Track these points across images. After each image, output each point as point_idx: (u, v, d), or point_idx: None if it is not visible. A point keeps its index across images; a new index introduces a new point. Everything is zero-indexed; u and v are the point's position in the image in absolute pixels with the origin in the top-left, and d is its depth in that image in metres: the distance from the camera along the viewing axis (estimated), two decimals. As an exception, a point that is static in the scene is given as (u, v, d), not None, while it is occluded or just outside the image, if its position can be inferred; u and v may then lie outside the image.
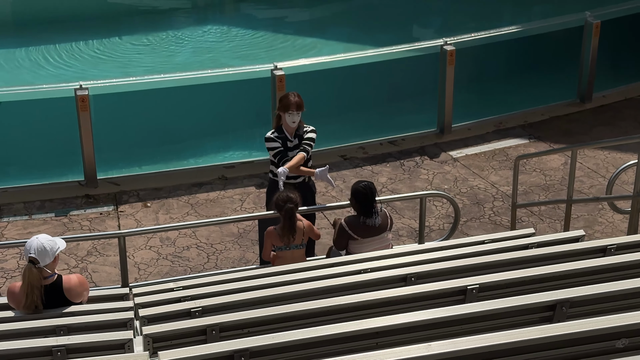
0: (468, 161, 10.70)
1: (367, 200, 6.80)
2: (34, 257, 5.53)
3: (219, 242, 9.01)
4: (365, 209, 6.81)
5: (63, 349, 4.61)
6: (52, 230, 8.94)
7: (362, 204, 6.81)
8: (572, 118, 11.88)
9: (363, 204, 6.81)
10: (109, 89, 10.10)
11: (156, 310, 5.24)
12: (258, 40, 14.22)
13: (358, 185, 6.84)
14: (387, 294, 4.90)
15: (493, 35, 11.68)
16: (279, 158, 7.57)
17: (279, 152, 7.58)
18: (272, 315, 4.72)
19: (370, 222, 6.80)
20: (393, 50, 11.24)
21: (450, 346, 3.59)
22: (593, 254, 5.72)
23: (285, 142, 7.60)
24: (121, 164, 10.45)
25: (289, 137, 7.61)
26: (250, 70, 10.62)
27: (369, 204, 6.81)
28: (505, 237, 6.72)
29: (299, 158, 7.53)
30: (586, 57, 11.98)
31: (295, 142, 7.62)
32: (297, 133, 7.63)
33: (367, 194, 6.79)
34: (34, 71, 12.74)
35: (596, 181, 10.16)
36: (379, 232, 6.86)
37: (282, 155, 7.57)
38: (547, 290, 4.46)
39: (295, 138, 7.62)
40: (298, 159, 7.52)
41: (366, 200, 6.80)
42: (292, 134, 7.62)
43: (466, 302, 4.85)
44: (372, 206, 6.82)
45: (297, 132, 7.63)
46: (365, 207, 6.81)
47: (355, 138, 11.10)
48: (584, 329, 3.69)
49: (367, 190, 6.79)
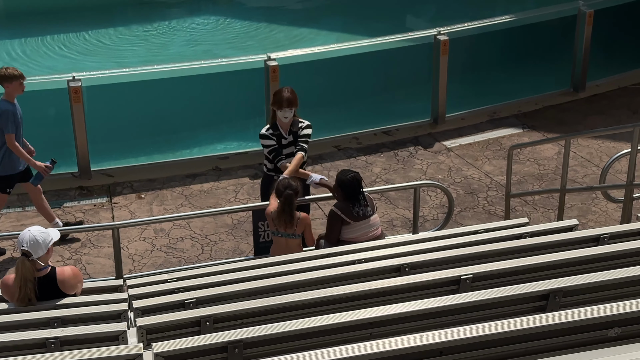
0: (462, 151, 10.70)
1: (354, 191, 6.88)
2: (27, 250, 5.53)
3: (213, 233, 9.01)
4: (351, 197, 6.87)
5: (57, 341, 4.60)
6: (46, 223, 8.93)
7: (347, 194, 6.88)
8: (565, 107, 11.88)
9: (349, 195, 6.88)
10: (102, 80, 10.07)
11: (150, 301, 5.24)
12: (251, 30, 14.19)
13: (345, 177, 6.91)
14: (381, 284, 4.91)
15: (486, 24, 11.67)
16: (273, 156, 7.56)
17: (273, 150, 7.56)
18: (266, 306, 4.72)
19: (359, 211, 6.87)
20: (386, 40, 11.23)
21: (443, 336, 3.60)
22: (586, 243, 5.73)
23: (279, 139, 7.58)
24: (115, 155, 10.43)
25: (284, 134, 7.59)
26: (244, 61, 10.59)
27: (355, 194, 6.88)
28: (498, 227, 6.74)
29: (297, 160, 7.49)
30: (579, 46, 11.98)
31: (290, 138, 7.60)
32: (291, 129, 7.61)
33: (353, 185, 6.88)
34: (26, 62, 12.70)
35: (590, 170, 10.18)
36: (369, 214, 6.95)
37: (276, 153, 7.55)
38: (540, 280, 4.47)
39: (289, 135, 7.60)
40: (297, 162, 7.48)
41: (353, 192, 6.88)
42: (287, 131, 7.60)
43: (460, 292, 4.86)
44: (359, 197, 6.90)
45: (291, 129, 7.61)
46: (352, 197, 6.87)
47: (349, 128, 11.09)
48: (577, 318, 3.70)
49: (354, 182, 6.88)
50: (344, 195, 6.89)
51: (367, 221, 6.93)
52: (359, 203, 6.88)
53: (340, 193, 6.94)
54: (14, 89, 8.05)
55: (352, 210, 6.86)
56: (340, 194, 6.94)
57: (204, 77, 10.70)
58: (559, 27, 12.67)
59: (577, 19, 11.94)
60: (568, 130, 10.93)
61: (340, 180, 6.91)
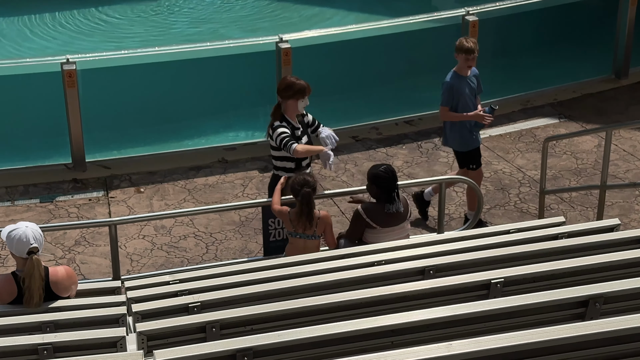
0: (492, 143, 10.69)
1: (390, 184, 6.81)
2: (36, 246, 5.51)
3: (219, 231, 9.04)
4: (387, 194, 6.81)
5: (50, 347, 4.63)
6: (37, 218, 8.99)
7: (383, 189, 6.81)
8: (606, 96, 11.85)
9: (385, 189, 6.81)
10: (99, 63, 10.11)
11: (151, 305, 5.26)
12: (262, 9, 14.21)
13: (377, 170, 6.83)
14: (404, 288, 4.91)
15: (520, 4, 11.65)
16: (286, 141, 7.50)
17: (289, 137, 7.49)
18: (277, 311, 4.74)
19: (392, 208, 6.81)
20: (410, 20, 11.22)
21: (472, 345, 3.60)
22: (629, 245, 5.72)
23: (293, 131, 7.59)
24: (112, 145, 10.48)
25: (296, 125, 7.62)
26: (253, 42, 10.61)
27: (391, 188, 6.81)
28: (532, 227, 6.73)
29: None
30: (622, 28, 11.94)
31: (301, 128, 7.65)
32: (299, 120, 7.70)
33: (389, 177, 6.80)
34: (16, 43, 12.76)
35: (633, 165, 10.16)
36: (400, 220, 6.89)
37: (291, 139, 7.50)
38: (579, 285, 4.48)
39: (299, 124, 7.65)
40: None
41: (389, 185, 6.80)
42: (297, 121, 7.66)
43: (490, 298, 4.86)
44: (395, 191, 6.83)
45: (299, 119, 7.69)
46: (388, 192, 6.81)
47: (368, 117, 11.09)
48: (619, 327, 3.70)
49: (389, 174, 6.80)
50: (379, 190, 6.82)
51: (396, 228, 6.86)
52: (394, 200, 6.81)
53: (374, 189, 6.86)
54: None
55: (384, 210, 6.78)
56: (374, 189, 6.86)
57: (209, 60, 10.72)
58: (599, 6, 12.63)
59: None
60: (609, 121, 10.91)
61: (374, 175, 6.81)
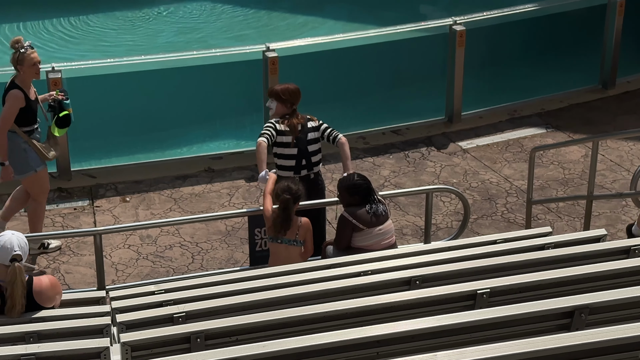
0: (479, 153, 10.72)
1: (369, 186, 7.09)
2: (20, 254, 5.49)
3: (205, 240, 9.02)
4: (367, 197, 7.04)
5: (33, 358, 4.61)
6: (22, 227, 8.94)
7: (363, 195, 7.04)
8: (593, 106, 11.89)
9: (365, 194, 7.04)
10: (84, 71, 10.08)
11: (135, 315, 5.25)
12: (249, 18, 14.21)
13: (353, 181, 7.10)
14: (390, 299, 4.92)
15: (507, 14, 11.68)
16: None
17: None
18: (263, 321, 4.73)
19: (374, 207, 7.01)
20: (397, 30, 11.24)
21: (458, 356, 3.61)
22: (615, 256, 5.74)
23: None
24: (97, 154, 10.45)
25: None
26: (240, 51, 10.61)
27: (370, 190, 7.08)
28: (519, 237, 6.75)
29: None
30: (609, 38, 11.99)
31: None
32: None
33: (365, 182, 7.08)
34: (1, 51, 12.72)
35: (619, 175, 10.19)
36: (384, 219, 7.07)
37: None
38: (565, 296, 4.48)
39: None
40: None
41: (368, 187, 7.08)
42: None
43: (476, 308, 4.87)
44: (373, 196, 7.07)
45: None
46: (367, 195, 7.04)
47: (355, 127, 11.09)
48: (605, 337, 3.71)
49: (364, 179, 7.10)
50: (359, 197, 7.03)
51: (381, 228, 7.02)
52: (374, 200, 7.03)
53: (356, 199, 7.05)
54: None
55: (367, 212, 6.97)
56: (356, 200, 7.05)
57: (196, 69, 10.72)
58: (586, 17, 12.67)
59: (607, 9, 11.95)
60: (596, 131, 10.93)
61: (352, 185, 7.08)
